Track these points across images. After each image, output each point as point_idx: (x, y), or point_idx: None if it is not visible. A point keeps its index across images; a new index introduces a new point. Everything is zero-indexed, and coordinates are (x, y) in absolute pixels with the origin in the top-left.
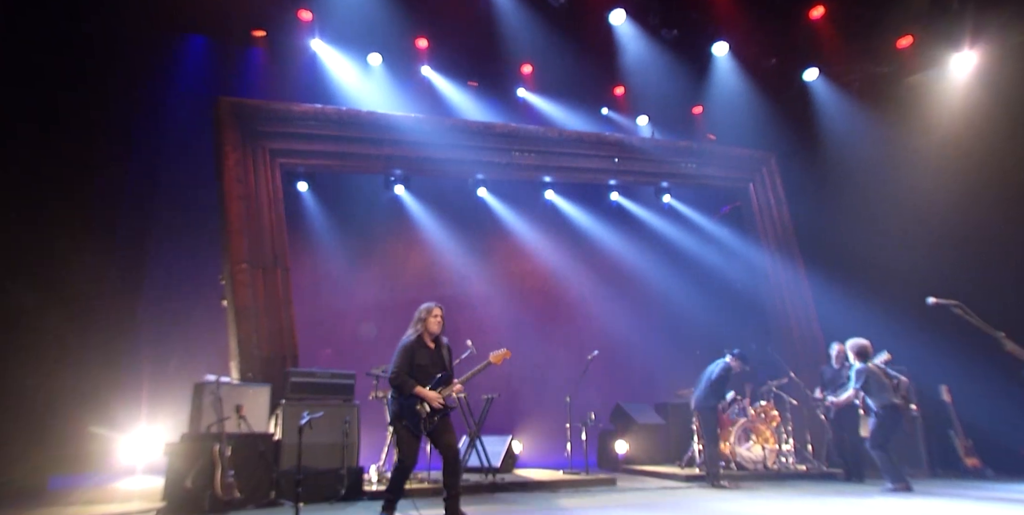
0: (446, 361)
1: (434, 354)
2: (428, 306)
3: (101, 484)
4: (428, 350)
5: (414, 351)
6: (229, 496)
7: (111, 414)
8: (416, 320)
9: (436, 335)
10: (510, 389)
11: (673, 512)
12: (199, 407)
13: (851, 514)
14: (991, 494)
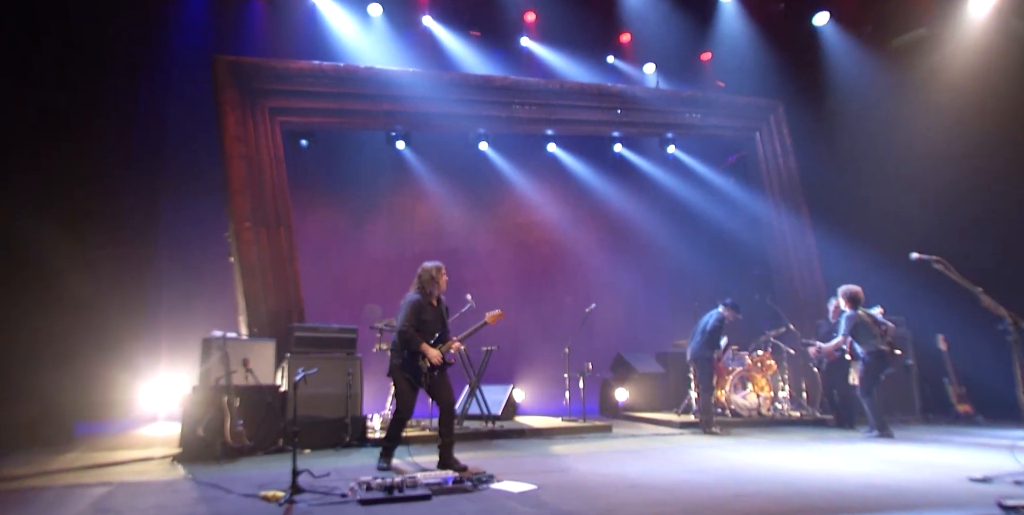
0: (444, 319)
1: (436, 311)
2: (437, 265)
3: (124, 430)
4: (432, 308)
5: (421, 308)
6: (239, 443)
7: (132, 362)
8: (427, 279)
9: (439, 298)
10: (516, 339)
11: (660, 457)
12: (208, 361)
13: (823, 458)
14: (973, 440)
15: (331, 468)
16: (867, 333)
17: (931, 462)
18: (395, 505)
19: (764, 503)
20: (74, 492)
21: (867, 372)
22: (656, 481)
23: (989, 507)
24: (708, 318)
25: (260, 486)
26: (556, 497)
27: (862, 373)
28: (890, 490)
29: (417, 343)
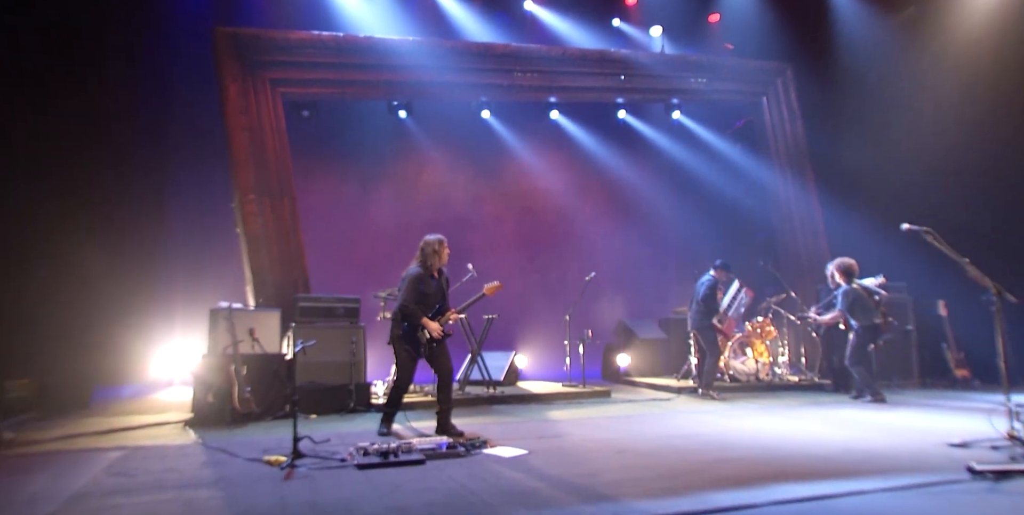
0: (445, 291)
1: (436, 284)
2: (439, 239)
3: (141, 395)
4: (432, 281)
5: (422, 282)
6: (247, 409)
7: (147, 329)
8: (429, 253)
9: (440, 270)
10: (521, 305)
11: (652, 423)
12: (215, 331)
13: (809, 423)
14: (965, 404)
15: (334, 433)
16: (863, 307)
17: (915, 427)
18: (390, 469)
19: (740, 468)
20: (91, 456)
21: (858, 344)
22: (643, 446)
23: (960, 472)
24: (700, 286)
25: (265, 450)
26: (544, 462)
27: (853, 344)
28: (868, 455)
29: (418, 317)
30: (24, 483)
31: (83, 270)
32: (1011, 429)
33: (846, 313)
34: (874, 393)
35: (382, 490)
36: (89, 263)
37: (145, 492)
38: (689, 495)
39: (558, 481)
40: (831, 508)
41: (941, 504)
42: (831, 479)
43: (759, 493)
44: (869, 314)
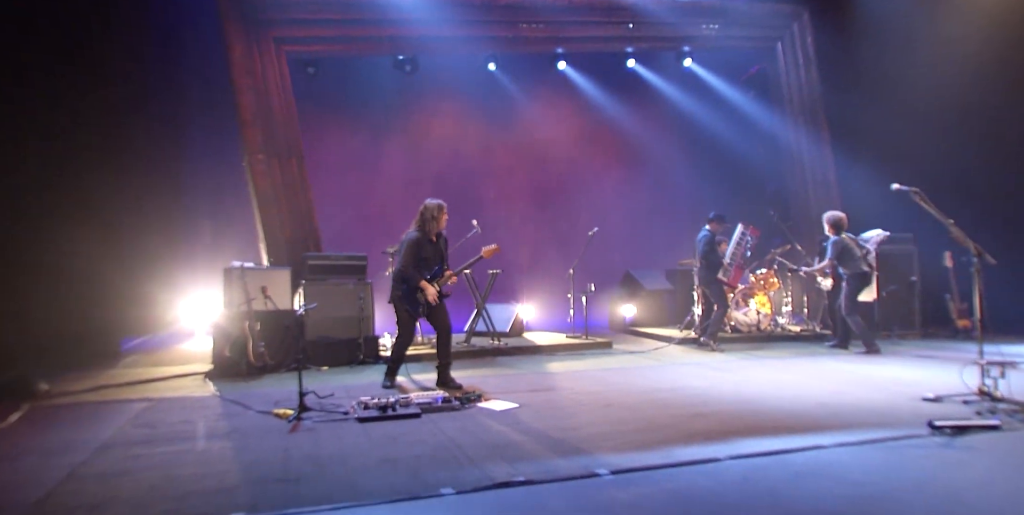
0: (443, 253)
1: (435, 247)
2: (439, 204)
3: (166, 346)
4: (431, 244)
5: (420, 246)
6: (261, 363)
7: (172, 281)
8: (428, 218)
9: (439, 233)
10: (531, 253)
11: (644, 375)
12: (230, 289)
13: (794, 376)
14: (955, 355)
15: (341, 386)
16: (850, 256)
17: (897, 380)
18: (388, 423)
19: (714, 423)
20: (118, 407)
21: (850, 292)
22: (629, 400)
23: (921, 427)
24: (698, 242)
25: (276, 403)
26: (531, 415)
27: (845, 294)
28: (839, 410)
29: (416, 280)
30: (56, 433)
31: (108, 224)
32: (981, 384)
33: (834, 261)
34: (870, 343)
35: (377, 442)
36: (114, 217)
37: (165, 443)
38: (658, 449)
39: (540, 434)
40: (786, 462)
41: (891, 458)
42: (797, 434)
43: (723, 448)
44: (856, 262)
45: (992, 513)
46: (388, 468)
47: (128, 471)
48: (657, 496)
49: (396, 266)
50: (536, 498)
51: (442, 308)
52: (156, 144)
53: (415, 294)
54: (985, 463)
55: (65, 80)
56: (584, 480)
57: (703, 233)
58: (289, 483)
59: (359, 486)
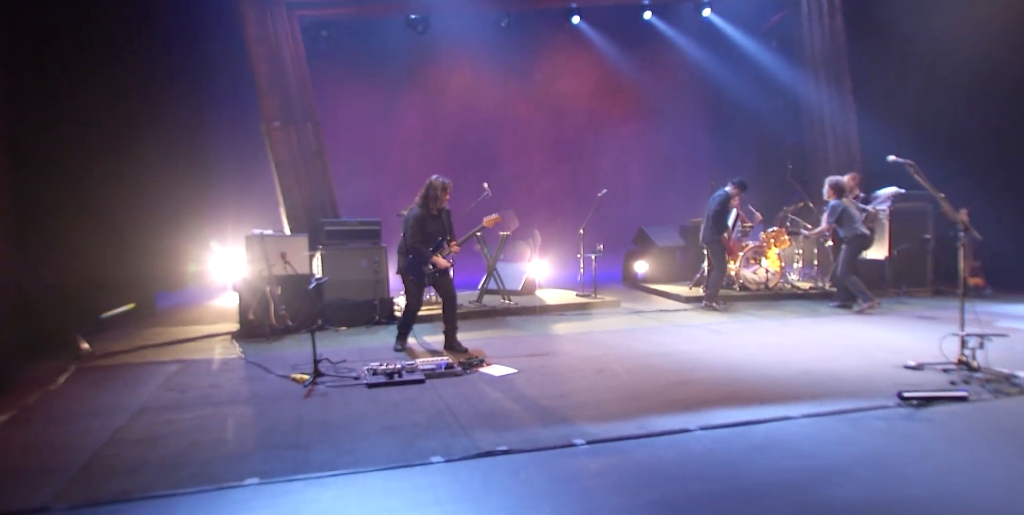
0: (447, 226)
1: (438, 221)
2: (443, 183)
3: (199, 301)
4: (433, 218)
5: (424, 221)
6: (283, 325)
7: (203, 238)
8: (432, 197)
9: (441, 207)
10: (550, 204)
11: (643, 338)
12: (251, 256)
13: (787, 339)
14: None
15: (356, 348)
16: (849, 219)
17: (886, 345)
18: (394, 388)
19: (696, 392)
20: (153, 369)
21: (848, 255)
22: (621, 366)
23: (892, 398)
24: (713, 199)
25: (294, 366)
26: (526, 382)
27: (844, 256)
28: (819, 378)
29: (428, 256)
30: (97, 395)
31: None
32: (960, 354)
33: (835, 224)
34: (867, 298)
35: (382, 409)
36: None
37: (193, 408)
38: (637, 419)
39: (530, 403)
40: (752, 434)
41: (851, 431)
42: (772, 404)
43: (697, 418)
44: (855, 225)
45: (925, 486)
46: (388, 436)
47: (160, 436)
48: (624, 466)
49: (401, 241)
50: (513, 466)
51: (447, 277)
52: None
53: (420, 264)
54: (938, 435)
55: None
56: (560, 450)
57: (720, 192)
58: (300, 450)
59: (359, 453)
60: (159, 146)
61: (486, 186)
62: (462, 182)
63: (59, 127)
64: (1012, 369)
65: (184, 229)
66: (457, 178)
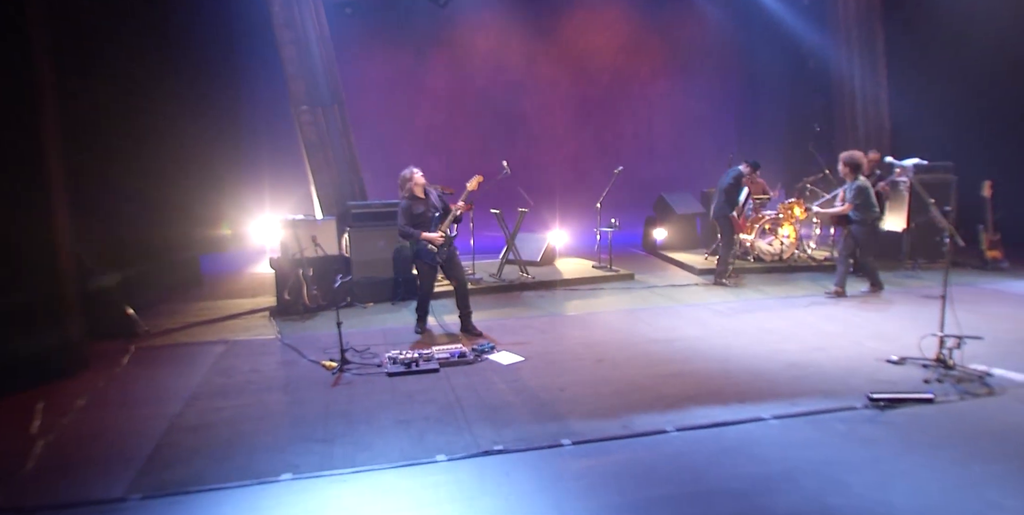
0: (437, 203)
1: (426, 202)
2: (407, 173)
3: (240, 267)
4: (420, 201)
5: (410, 208)
6: (315, 304)
7: (241, 202)
8: (401, 185)
9: (424, 189)
10: (575, 166)
11: (648, 320)
12: (285, 240)
13: (785, 323)
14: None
15: (380, 329)
16: (867, 203)
17: (879, 333)
18: (411, 377)
19: (686, 386)
20: (202, 349)
21: (867, 239)
22: (621, 354)
23: (862, 397)
24: (727, 175)
25: (324, 350)
26: (531, 372)
27: (864, 241)
28: (803, 372)
29: (416, 235)
30: (157, 377)
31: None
32: (938, 352)
33: (855, 207)
34: (875, 283)
35: (399, 400)
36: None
37: (237, 395)
38: (623, 416)
39: (530, 396)
40: (722, 436)
41: (814, 434)
42: (750, 402)
43: (677, 417)
44: (874, 208)
45: (859, 496)
46: (401, 430)
47: (210, 424)
48: (602, 468)
49: (399, 228)
50: (506, 466)
51: (457, 263)
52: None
53: (425, 247)
54: (893, 440)
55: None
56: (549, 450)
57: (735, 169)
58: (326, 443)
59: (376, 448)
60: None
61: (505, 164)
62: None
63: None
64: (990, 365)
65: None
66: (483, 142)
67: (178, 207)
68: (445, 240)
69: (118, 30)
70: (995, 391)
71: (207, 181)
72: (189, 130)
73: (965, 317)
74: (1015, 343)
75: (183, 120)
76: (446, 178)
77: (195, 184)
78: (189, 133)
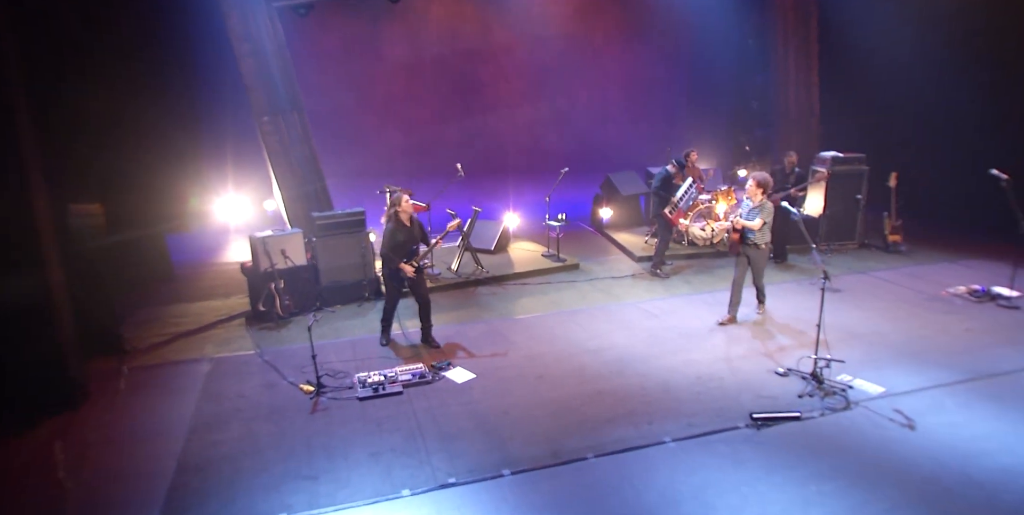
0: (418, 235)
1: (409, 231)
2: (399, 196)
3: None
4: (405, 230)
5: (394, 234)
6: (287, 312)
7: (204, 181)
8: (393, 204)
9: (410, 218)
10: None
11: (586, 323)
12: (256, 256)
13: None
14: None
15: (349, 341)
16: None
17: (777, 341)
18: (379, 400)
19: (607, 405)
20: (189, 369)
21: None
22: (557, 369)
23: (745, 418)
24: (657, 178)
25: (301, 368)
26: (482, 392)
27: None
28: (705, 388)
29: (394, 262)
30: (152, 409)
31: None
32: (813, 369)
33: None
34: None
35: (368, 429)
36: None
37: (229, 426)
38: (554, 441)
39: (482, 419)
40: (628, 461)
41: (699, 458)
42: (658, 422)
43: (598, 442)
44: (768, 235)
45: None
46: (373, 464)
47: (211, 462)
48: (532, 497)
49: (380, 249)
50: (456, 498)
51: (422, 282)
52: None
53: (398, 273)
54: (758, 463)
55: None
56: (492, 480)
57: (662, 170)
58: (311, 481)
59: (353, 484)
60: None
61: (459, 167)
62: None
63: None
64: (855, 374)
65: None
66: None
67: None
68: (417, 271)
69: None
70: (850, 406)
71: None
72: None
73: (847, 315)
74: (882, 347)
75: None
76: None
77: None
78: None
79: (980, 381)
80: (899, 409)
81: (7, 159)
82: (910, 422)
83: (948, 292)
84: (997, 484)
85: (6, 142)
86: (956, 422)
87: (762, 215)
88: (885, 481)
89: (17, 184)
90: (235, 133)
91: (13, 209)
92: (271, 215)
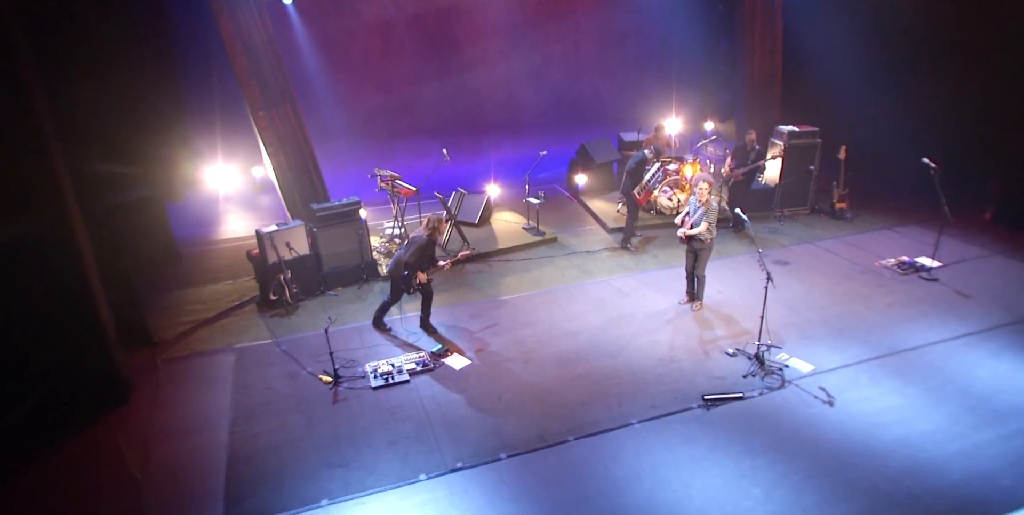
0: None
1: (435, 248)
2: (439, 218)
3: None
4: (435, 246)
5: (427, 249)
6: (296, 299)
7: (195, 149)
8: (432, 227)
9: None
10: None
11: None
12: (263, 249)
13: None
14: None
15: (356, 327)
16: (715, 227)
17: (732, 323)
18: (391, 390)
19: (584, 388)
20: (216, 361)
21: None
22: (540, 352)
23: (697, 398)
24: (632, 160)
25: (316, 356)
26: (477, 378)
27: (700, 256)
28: (666, 371)
29: (414, 271)
30: (192, 403)
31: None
32: (758, 351)
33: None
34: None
35: (383, 418)
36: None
37: (263, 418)
38: (541, 426)
39: (478, 407)
40: (599, 444)
41: (659, 437)
42: (627, 404)
43: (576, 425)
44: (714, 231)
45: (677, 491)
46: (391, 451)
47: (255, 453)
48: (524, 478)
49: (406, 258)
50: (462, 481)
51: (428, 283)
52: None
53: (412, 278)
54: (707, 439)
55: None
56: (491, 464)
57: (639, 153)
58: (344, 468)
59: (378, 471)
60: None
61: (445, 152)
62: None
63: None
64: (792, 352)
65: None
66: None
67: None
68: (427, 281)
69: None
70: (785, 384)
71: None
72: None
73: (792, 290)
74: (817, 324)
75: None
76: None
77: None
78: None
79: (892, 357)
80: (823, 386)
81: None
82: (831, 399)
83: (879, 264)
84: (888, 453)
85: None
86: (867, 397)
87: (707, 218)
88: (802, 454)
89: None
90: (222, 100)
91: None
92: (259, 181)
